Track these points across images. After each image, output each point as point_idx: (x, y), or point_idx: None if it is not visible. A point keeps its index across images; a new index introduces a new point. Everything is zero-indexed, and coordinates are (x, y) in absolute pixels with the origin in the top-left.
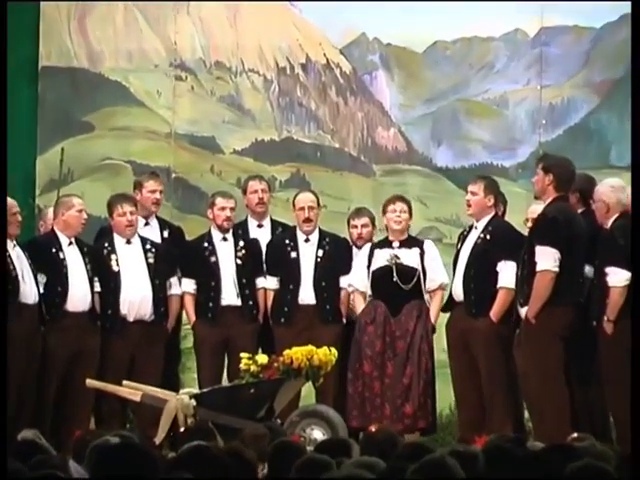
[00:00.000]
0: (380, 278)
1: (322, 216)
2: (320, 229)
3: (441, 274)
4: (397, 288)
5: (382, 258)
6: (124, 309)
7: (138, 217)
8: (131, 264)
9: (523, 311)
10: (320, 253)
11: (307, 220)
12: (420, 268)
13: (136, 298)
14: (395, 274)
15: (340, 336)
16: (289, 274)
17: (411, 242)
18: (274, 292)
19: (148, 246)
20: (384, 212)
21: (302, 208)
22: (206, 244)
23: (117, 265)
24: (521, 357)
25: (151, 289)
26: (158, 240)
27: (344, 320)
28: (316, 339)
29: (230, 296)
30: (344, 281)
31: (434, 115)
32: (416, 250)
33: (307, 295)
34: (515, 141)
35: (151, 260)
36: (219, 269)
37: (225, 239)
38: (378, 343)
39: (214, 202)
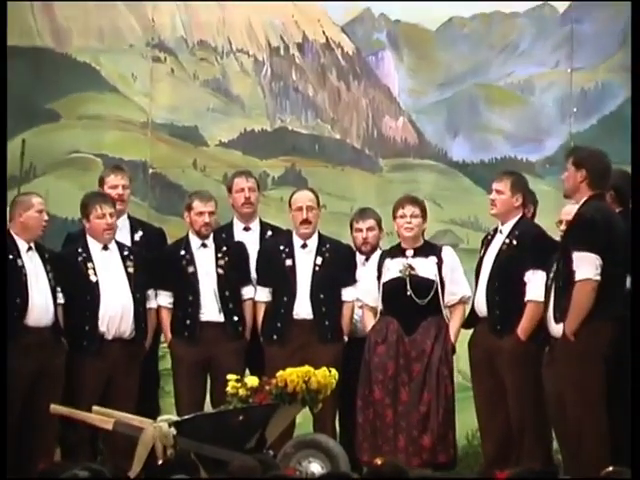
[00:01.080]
0: (392, 292)
1: (321, 218)
2: (320, 233)
3: (462, 286)
4: (412, 303)
5: (394, 269)
6: (103, 326)
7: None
8: (109, 274)
9: (559, 327)
10: (319, 261)
11: (306, 222)
12: (438, 279)
13: (117, 313)
14: (409, 287)
15: (340, 356)
16: (283, 285)
17: (427, 249)
18: (265, 305)
19: (126, 252)
20: (394, 217)
21: (300, 208)
22: (183, 252)
23: (95, 275)
24: (555, 379)
25: (132, 302)
26: (128, 244)
27: (345, 338)
28: (313, 359)
29: (211, 311)
30: (347, 294)
31: (449, 102)
32: (433, 259)
33: (303, 309)
34: (542, 132)
35: (131, 269)
36: (197, 280)
37: (205, 245)
38: (390, 366)
39: (191, 205)
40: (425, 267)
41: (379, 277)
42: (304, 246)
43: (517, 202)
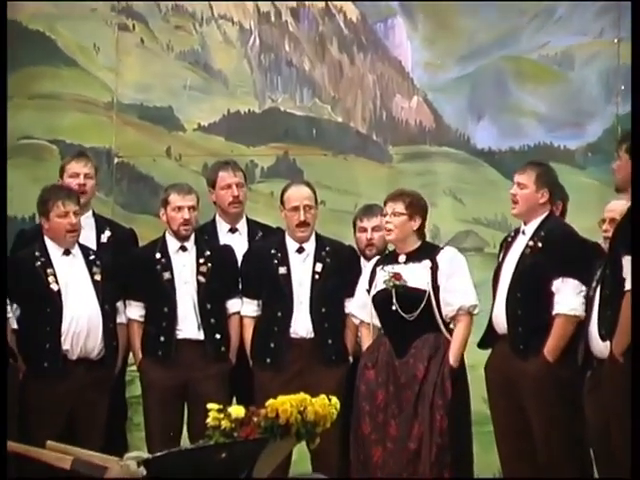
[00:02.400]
0: (380, 306)
1: (320, 216)
2: (317, 234)
3: (460, 294)
4: (400, 319)
5: (382, 278)
6: (66, 343)
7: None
8: (73, 282)
9: (605, 346)
10: (318, 267)
11: (303, 224)
12: (430, 289)
13: (82, 328)
14: (395, 300)
15: (346, 381)
16: (276, 297)
17: (422, 253)
18: (254, 321)
19: (92, 257)
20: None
21: (296, 208)
22: (158, 255)
23: (56, 283)
24: (599, 408)
25: (101, 316)
26: (93, 246)
27: (350, 359)
28: (314, 385)
29: (189, 327)
30: (349, 306)
31: (472, 78)
32: (426, 264)
33: (302, 326)
34: (583, 114)
35: (98, 276)
36: (174, 290)
37: (184, 249)
38: (380, 394)
39: (167, 199)
40: (416, 275)
41: (370, 289)
42: (300, 250)
43: (543, 198)
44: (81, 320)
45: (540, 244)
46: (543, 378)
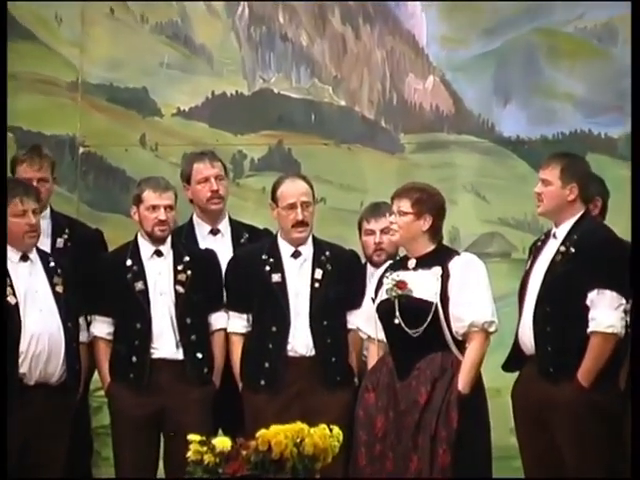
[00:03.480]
0: (384, 318)
1: (319, 215)
2: (314, 237)
3: (473, 308)
4: (403, 334)
5: (386, 287)
6: (23, 366)
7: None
8: (32, 293)
9: None
10: (318, 274)
11: (300, 224)
12: (438, 300)
13: (43, 349)
14: (397, 312)
15: (353, 405)
16: (270, 309)
17: (434, 258)
18: (243, 338)
19: (52, 264)
20: None
21: (292, 205)
22: (129, 262)
23: (13, 295)
24: None
25: (63, 334)
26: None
27: (356, 380)
28: (316, 411)
29: (166, 345)
30: (354, 319)
31: (498, 56)
32: (436, 271)
33: (301, 342)
34: (627, 97)
35: (59, 287)
36: (148, 302)
37: (159, 254)
38: (379, 421)
39: (140, 196)
40: (424, 283)
41: (375, 298)
42: (296, 254)
43: (572, 194)
44: (42, 339)
45: (573, 249)
46: (577, 405)
